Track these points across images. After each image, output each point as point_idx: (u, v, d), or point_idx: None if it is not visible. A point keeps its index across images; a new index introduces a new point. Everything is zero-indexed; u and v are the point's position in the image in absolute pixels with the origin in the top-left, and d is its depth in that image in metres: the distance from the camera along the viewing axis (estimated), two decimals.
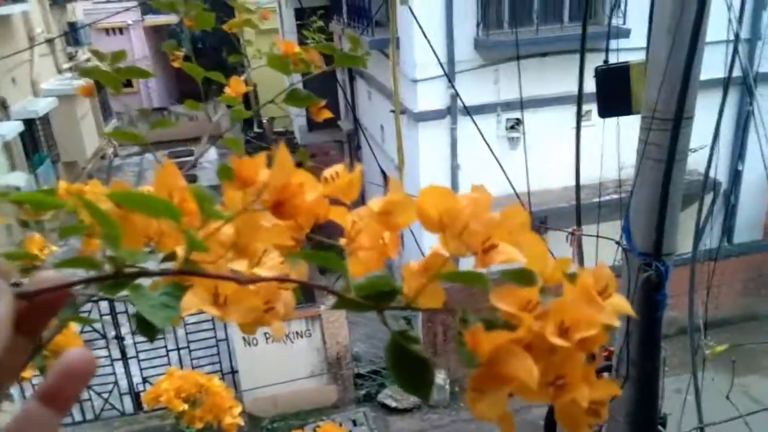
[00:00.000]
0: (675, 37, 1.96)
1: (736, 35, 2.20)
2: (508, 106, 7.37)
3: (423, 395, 0.38)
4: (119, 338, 6.45)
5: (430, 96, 7.39)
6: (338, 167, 0.43)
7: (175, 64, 1.08)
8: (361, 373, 7.51)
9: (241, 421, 1.14)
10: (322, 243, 0.41)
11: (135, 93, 17.87)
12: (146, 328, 0.40)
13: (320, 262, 0.39)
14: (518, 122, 7.44)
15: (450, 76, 7.04)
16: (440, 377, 7.34)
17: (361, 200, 0.45)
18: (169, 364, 6.37)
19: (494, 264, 0.38)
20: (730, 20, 2.28)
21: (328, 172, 0.43)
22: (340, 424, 5.84)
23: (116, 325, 6.39)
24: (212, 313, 0.44)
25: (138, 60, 17.13)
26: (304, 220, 0.40)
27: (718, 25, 2.57)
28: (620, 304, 0.38)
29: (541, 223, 6.99)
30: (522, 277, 0.38)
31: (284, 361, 6.93)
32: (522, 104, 3.83)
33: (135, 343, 6.42)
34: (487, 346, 0.35)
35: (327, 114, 0.94)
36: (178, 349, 6.64)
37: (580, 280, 0.37)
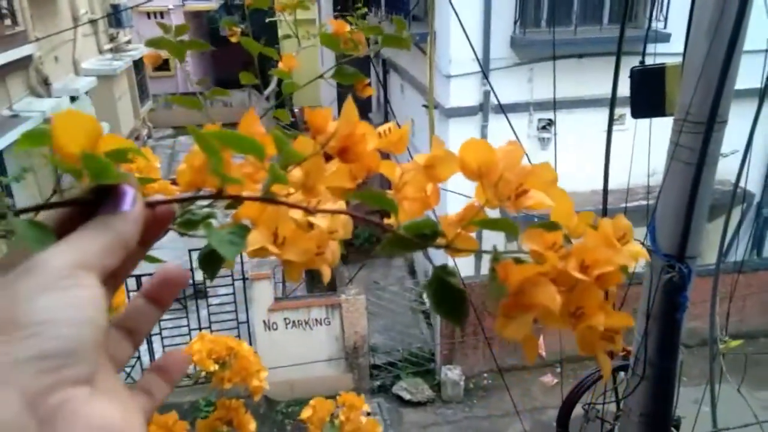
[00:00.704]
0: (713, 40, 1.95)
1: None
2: (540, 106, 7.34)
3: (458, 322, 0.43)
4: None
5: (463, 92, 7.39)
6: (390, 124, 0.48)
7: (233, 39, 1.14)
8: (378, 364, 7.58)
9: (266, 385, 1.20)
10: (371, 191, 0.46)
11: (171, 77, 18.17)
12: (208, 266, 0.46)
13: (373, 203, 0.44)
14: (550, 123, 7.40)
15: (485, 74, 7.04)
16: (455, 373, 7.37)
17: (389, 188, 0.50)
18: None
19: (525, 207, 0.43)
20: None
21: (381, 129, 0.48)
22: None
23: None
24: (272, 251, 0.50)
25: None
26: (357, 170, 0.45)
27: (760, 34, 2.55)
28: (636, 249, 0.43)
29: None
30: (549, 227, 0.43)
31: (302, 348, 7.03)
32: (555, 105, 3.82)
33: (159, 321, 6.57)
34: (516, 277, 0.40)
35: (370, 91, 0.99)
36: (200, 328, 6.78)
37: (600, 227, 0.43)
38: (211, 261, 0.55)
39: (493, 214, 0.43)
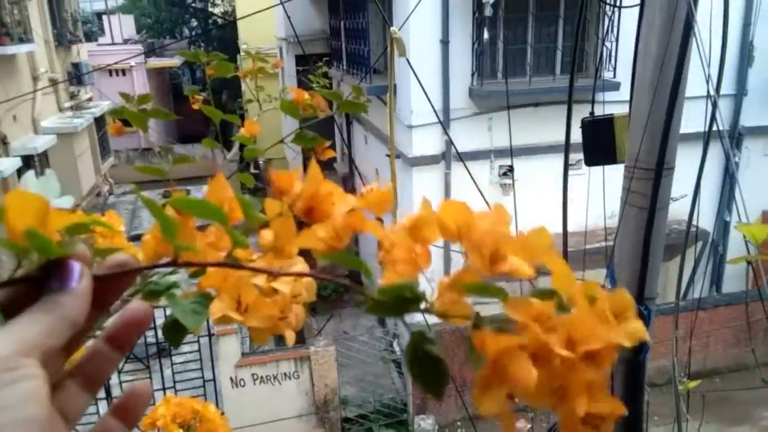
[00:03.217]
0: (656, 92, 2.07)
1: (715, 101, 2.32)
2: (500, 153, 7.54)
3: (438, 395, 0.40)
4: None
5: (425, 141, 7.56)
6: (374, 184, 0.48)
7: (195, 107, 1.17)
8: (349, 417, 7.41)
9: None
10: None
11: (134, 132, 18.06)
12: (172, 335, 0.47)
13: (347, 264, 0.44)
14: (511, 169, 7.60)
15: (445, 123, 7.22)
16: (428, 422, 7.25)
17: (355, 241, 0.50)
18: (154, 404, 6.28)
19: (500, 273, 0.40)
20: (708, 80, 2.41)
21: (364, 189, 0.48)
22: None
23: None
24: (235, 318, 0.51)
25: None
26: (342, 231, 0.45)
27: (703, 81, 2.70)
28: (636, 328, 0.39)
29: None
30: (546, 296, 0.41)
31: (271, 404, 6.84)
32: (512, 153, 3.94)
33: (121, 383, 6.34)
34: (492, 348, 0.38)
35: (331, 153, 1.02)
36: (164, 389, 6.55)
37: (597, 301, 0.39)
38: (175, 330, 0.56)
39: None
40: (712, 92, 2.05)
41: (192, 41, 19.05)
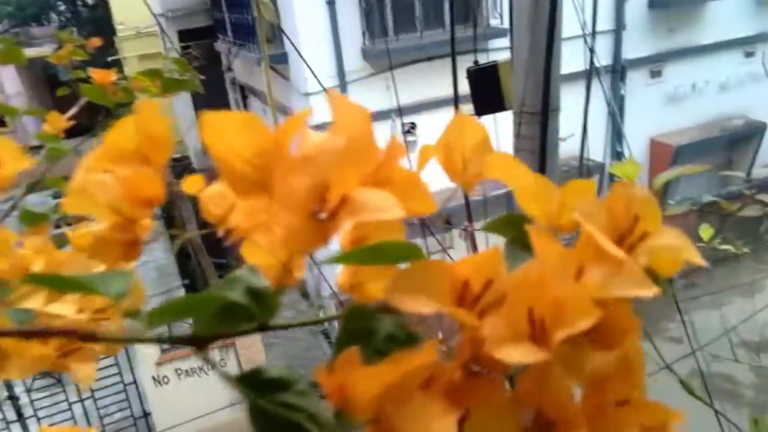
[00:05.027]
0: (533, 34, 2.05)
1: (592, 39, 2.34)
2: (403, 110, 7.50)
3: None
4: (13, 398, 5.92)
5: (324, 108, 7.38)
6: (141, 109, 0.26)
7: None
8: None
9: None
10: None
11: (11, 131, 16.61)
12: None
13: (52, 285, 0.28)
14: (413, 126, 7.59)
15: (341, 87, 7.08)
16: None
17: None
18: (73, 418, 5.93)
19: (346, 227, 0.20)
20: (582, 21, 2.43)
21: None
22: None
23: (9, 386, 5.87)
24: None
25: (12, 96, 16.00)
26: (130, 210, 0.28)
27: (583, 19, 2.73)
28: (672, 241, 0.19)
29: (446, 222, 7.14)
30: (508, 225, 0.23)
31: (200, 396, 6.66)
32: (400, 112, 3.89)
33: (32, 401, 5.92)
34: (366, 395, 0.18)
35: None
36: (82, 400, 6.19)
37: (581, 223, 0.20)
38: None
39: None
40: (587, 27, 2.05)
41: (62, 26, 17.56)
